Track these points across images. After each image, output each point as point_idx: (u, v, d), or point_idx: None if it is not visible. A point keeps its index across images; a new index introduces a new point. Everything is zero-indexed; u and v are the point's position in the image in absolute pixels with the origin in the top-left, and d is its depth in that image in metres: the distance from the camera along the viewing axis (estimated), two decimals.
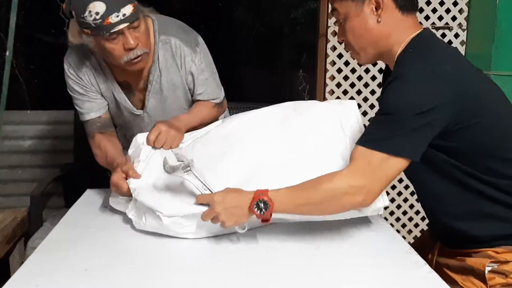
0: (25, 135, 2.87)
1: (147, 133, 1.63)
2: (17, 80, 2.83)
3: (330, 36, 2.94)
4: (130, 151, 1.63)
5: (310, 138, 1.47)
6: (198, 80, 1.78)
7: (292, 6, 3.00)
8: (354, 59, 1.44)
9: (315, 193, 1.24)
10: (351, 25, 1.34)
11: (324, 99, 3.00)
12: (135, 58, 1.57)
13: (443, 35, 2.90)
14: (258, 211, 1.24)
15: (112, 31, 1.49)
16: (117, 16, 1.47)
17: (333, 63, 2.97)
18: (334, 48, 2.96)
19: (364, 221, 1.48)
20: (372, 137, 1.23)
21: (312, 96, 3.06)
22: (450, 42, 2.93)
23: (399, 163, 1.21)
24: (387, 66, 1.46)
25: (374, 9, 1.30)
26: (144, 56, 1.60)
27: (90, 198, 1.73)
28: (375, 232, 1.43)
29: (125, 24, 1.50)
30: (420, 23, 2.85)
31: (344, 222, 1.41)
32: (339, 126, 1.49)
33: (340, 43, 1.45)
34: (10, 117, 2.82)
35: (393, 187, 3.13)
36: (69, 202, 1.75)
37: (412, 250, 1.32)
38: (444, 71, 1.21)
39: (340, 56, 2.96)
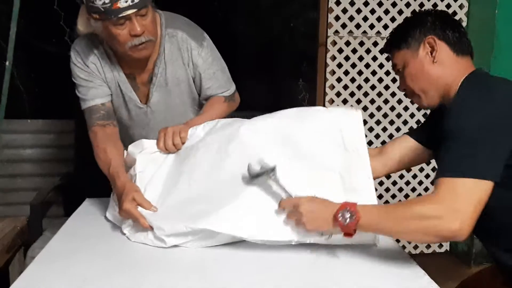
0: (25, 144, 2.86)
1: (154, 140, 1.65)
2: (18, 89, 2.83)
3: (329, 46, 2.96)
4: (130, 149, 1.65)
5: (310, 151, 1.47)
6: (205, 74, 1.80)
7: (292, 15, 3.01)
8: (418, 105, 1.47)
9: (404, 211, 1.19)
10: (409, 71, 1.41)
11: None
12: (140, 44, 1.60)
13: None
14: (343, 219, 1.23)
15: (120, 15, 1.52)
16: (126, 2, 1.51)
17: (333, 73, 2.99)
18: (333, 58, 2.97)
19: None
20: (449, 166, 1.19)
21: (312, 105, 3.04)
22: None
23: (483, 185, 1.16)
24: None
25: (429, 53, 1.38)
26: (149, 44, 1.63)
27: (89, 207, 1.73)
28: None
29: (133, 10, 1.53)
30: None
31: None
32: (340, 139, 1.49)
33: (404, 94, 1.49)
34: (10, 126, 2.82)
35: (393, 196, 3.13)
36: (69, 211, 1.74)
37: (412, 260, 1.32)
38: (501, 91, 1.26)
39: (339, 65, 2.97)
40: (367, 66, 2.98)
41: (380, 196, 3.09)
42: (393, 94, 3.03)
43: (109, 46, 1.72)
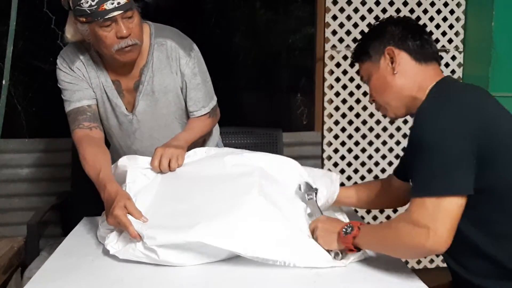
0: (23, 163, 2.85)
1: (147, 157, 1.64)
2: (15, 109, 2.82)
3: (327, 61, 2.96)
4: (120, 162, 1.63)
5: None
6: (190, 84, 1.80)
7: (290, 31, 3.02)
8: (387, 116, 1.51)
9: (392, 238, 1.24)
10: (373, 83, 1.44)
11: (323, 122, 3.00)
12: (126, 47, 1.61)
13: (440, 58, 2.91)
14: (343, 233, 1.32)
15: (106, 17, 1.54)
16: (112, 4, 1.54)
17: (331, 87, 2.98)
18: (331, 72, 2.97)
19: None
20: (421, 185, 1.19)
21: (310, 120, 3.06)
22: (447, 64, 2.95)
23: (457, 200, 1.16)
24: None
25: (390, 63, 1.38)
26: (135, 47, 1.64)
27: (86, 226, 1.71)
28: (376, 257, 1.40)
29: (119, 12, 1.55)
30: None
31: None
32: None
33: (371, 104, 1.54)
34: (7, 146, 2.81)
35: (395, 210, 3.10)
36: (66, 230, 1.72)
37: (414, 274, 1.30)
38: (465, 101, 1.24)
39: (337, 79, 2.97)
40: None
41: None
42: None
43: (96, 52, 1.73)
